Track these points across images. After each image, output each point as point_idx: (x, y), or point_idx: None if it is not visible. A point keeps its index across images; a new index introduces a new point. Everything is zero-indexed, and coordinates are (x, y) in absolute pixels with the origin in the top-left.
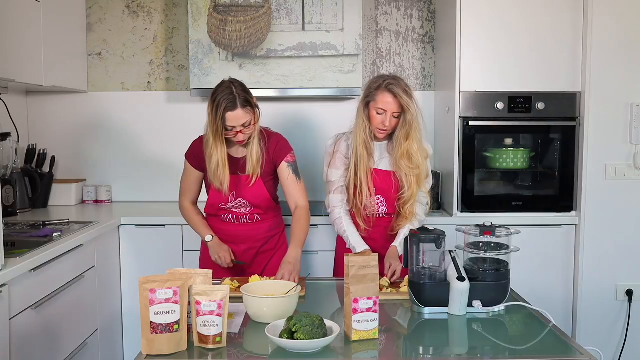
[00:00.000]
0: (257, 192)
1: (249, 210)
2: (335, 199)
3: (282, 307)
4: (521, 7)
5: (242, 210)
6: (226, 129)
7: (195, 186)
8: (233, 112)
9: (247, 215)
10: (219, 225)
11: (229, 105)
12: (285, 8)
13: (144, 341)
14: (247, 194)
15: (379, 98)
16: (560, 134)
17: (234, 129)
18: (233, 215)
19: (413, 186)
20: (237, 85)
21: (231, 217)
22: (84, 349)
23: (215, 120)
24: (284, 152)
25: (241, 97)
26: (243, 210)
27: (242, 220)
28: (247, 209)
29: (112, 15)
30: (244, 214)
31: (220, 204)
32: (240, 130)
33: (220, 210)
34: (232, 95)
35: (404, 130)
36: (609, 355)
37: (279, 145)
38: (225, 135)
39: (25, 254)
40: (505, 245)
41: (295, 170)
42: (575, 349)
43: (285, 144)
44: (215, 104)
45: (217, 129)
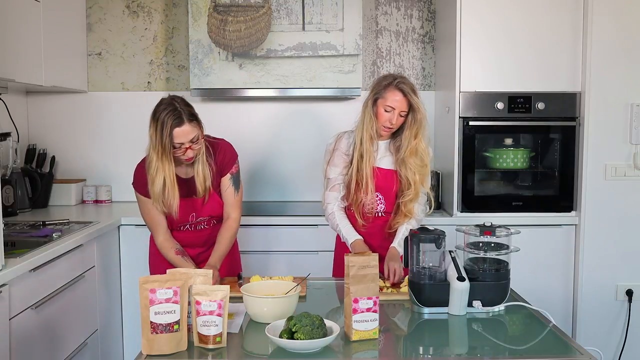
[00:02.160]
0: (214, 205)
1: (205, 222)
2: (331, 196)
3: (282, 307)
4: (521, 7)
5: (200, 226)
6: (174, 146)
7: (159, 215)
8: (180, 128)
9: (205, 222)
10: (176, 233)
11: (176, 122)
12: (285, 8)
13: (144, 341)
14: (205, 211)
15: (389, 96)
16: (560, 134)
17: (182, 145)
18: (192, 225)
19: (418, 184)
20: (179, 100)
21: (189, 227)
22: (84, 349)
23: (161, 139)
24: (229, 165)
25: (186, 112)
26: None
27: (200, 227)
28: (204, 225)
29: (112, 15)
30: (200, 222)
31: (180, 224)
32: (189, 147)
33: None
34: (177, 111)
35: (414, 128)
36: (609, 355)
37: (226, 158)
38: (174, 154)
39: (25, 254)
40: (505, 245)
41: (236, 181)
42: (575, 349)
43: (231, 155)
44: (160, 122)
45: (164, 147)
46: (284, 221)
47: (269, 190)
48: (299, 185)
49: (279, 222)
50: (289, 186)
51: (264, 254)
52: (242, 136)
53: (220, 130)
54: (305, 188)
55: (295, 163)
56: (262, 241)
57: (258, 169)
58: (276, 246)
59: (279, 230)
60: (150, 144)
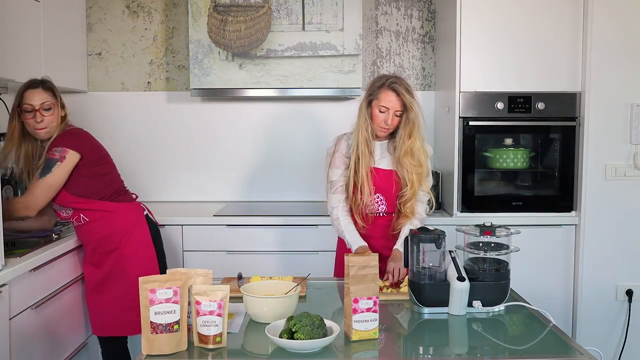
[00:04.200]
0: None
1: (69, 213)
2: (335, 199)
3: (282, 307)
4: (521, 7)
5: (64, 213)
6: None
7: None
8: (34, 90)
9: (70, 219)
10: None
11: (32, 84)
12: (285, 8)
13: (144, 341)
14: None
15: (382, 96)
16: (560, 134)
17: (32, 107)
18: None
19: (415, 184)
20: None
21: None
22: (84, 349)
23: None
24: (51, 147)
25: (46, 82)
26: (64, 213)
27: (75, 223)
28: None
29: (112, 15)
30: (69, 216)
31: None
32: (38, 109)
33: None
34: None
35: (407, 128)
36: (609, 355)
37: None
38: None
39: (25, 254)
40: (505, 245)
41: (46, 166)
42: (575, 349)
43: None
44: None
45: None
46: (284, 221)
47: (268, 190)
48: (299, 185)
49: (279, 222)
50: (289, 186)
51: (264, 254)
52: (241, 136)
53: (220, 130)
54: (305, 188)
55: (295, 163)
56: (262, 241)
57: (258, 169)
58: (276, 246)
59: (279, 230)
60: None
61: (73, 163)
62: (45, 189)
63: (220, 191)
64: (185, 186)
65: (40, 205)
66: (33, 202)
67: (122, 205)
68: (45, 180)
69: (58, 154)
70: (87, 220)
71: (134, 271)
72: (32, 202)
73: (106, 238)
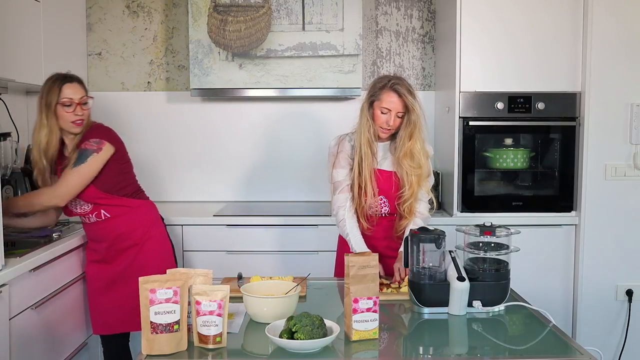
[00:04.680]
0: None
1: (89, 208)
2: (341, 199)
3: (282, 307)
4: (521, 7)
5: (84, 208)
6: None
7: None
8: (71, 84)
9: (93, 213)
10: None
11: (67, 78)
12: (285, 8)
13: (144, 341)
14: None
15: (384, 97)
16: (560, 134)
17: (72, 102)
18: (83, 216)
19: (414, 185)
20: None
21: (84, 218)
22: (84, 349)
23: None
24: (85, 139)
25: (78, 77)
26: (85, 208)
27: (91, 219)
28: (84, 206)
29: (112, 15)
30: (88, 212)
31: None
32: (78, 103)
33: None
34: (66, 74)
35: (408, 129)
36: (609, 355)
37: (90, 133)
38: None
39: (25, 254)
40: (505, 245)
41: (80, 156)
42: (575, 349)
43: (95, 132)
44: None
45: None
46: (284, 221)
47: (268, 190)
48: (299, 185)
49: (279, 222)
50: (289, 186)
51: (264, 254)
52: (242, 136)
53: (220, 130)
54: (305, 188)
55: (295, 163)
56: (262, 241)
57: (258, 169)
58: (276, 246)
59: (279, 230)
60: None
61: (107, 155)
62: (78, 178)
63: (220, 191)
64: (186, 186)
65: (72, 194)
66: (65, 191)
67: (143, 203)
68: (80, 169)
69: (95, 144)
70: (108, 216)
71: (154, 267)
72: (64, 191)
73: (126, 234)
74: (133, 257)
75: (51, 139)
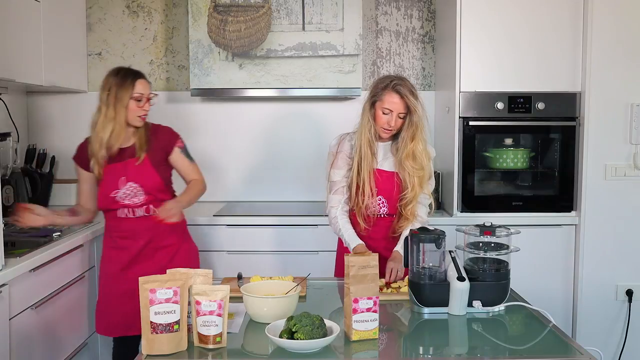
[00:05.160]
0: (147, 174)
1: (142, 199)
2: (334, 199)
3: (282, 307)
4: (521, 7)
5: (136, 200)
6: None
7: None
8: (142, 80)
9: (143, 207)
10: (115, 222)
11: (137, 74)
12: (285, 8)
13: (144, 341)
14: (137, 176)
15: (386, 98)
16: (560, 134)
17: (143, 97)
18: (129, 209)
19: (416, 187)
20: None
21: (127, 212)
22: (84, 349)
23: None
24: (174, 139)
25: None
26: (136, 200)
27: (138, 213)
28: (140, 197)
29: (112, 15)
30: (138, 204)
31: (111, 192)
32: (148, 98)
33: (114, 203)
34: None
35: (410, 130)
36: (609, 355)
37: (169, 134)
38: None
39: (25, 254)
40: (505, 245)
41: (188, 154)
42: (575, 349)
43: (173, 133)
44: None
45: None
46: (284, 221)
47: (268, 190)
48: (299, 185)
49: (279, 222)
50: (289, 186)
51: (264, 254)
52: (242, 136)
53: (220, 130)
54: (305, 188)
55: (295, 163)
56: (262, 241)
57: (258, 169)
58: (276, 246)
59: (279, 230)
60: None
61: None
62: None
63: (220, 191)
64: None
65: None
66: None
67: None
68: (195, 163)
69: (181, 142)
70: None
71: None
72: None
73: (167, 232)
74: (170, 256)
75: (119, 133)
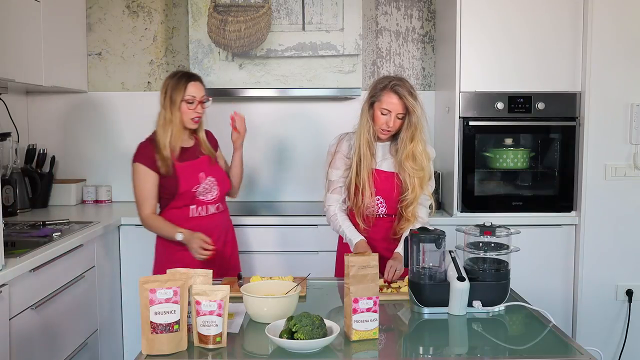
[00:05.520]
0: (218, 169)
1: (215, 195)
2: (332, 198)
3: (282, 307)
4: (521, 7)
5: (209, 196)
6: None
7: (154, 192)
8: (195, 82)
9: (214, 204)
10: (187, 224)
11: (191, 76)
12: (285, 8)
13: (144, 341)
14: (213, 171)
15: (384, 98)
16: (560, 134)
17: (195, 99)
18: (202, 206)
19: (416, 188)
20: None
21: (201, 210)
22: (84, 349)
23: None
24: (215, 140)
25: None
26: (210, 196)
27: (210, 210)
28: (214, 193)
29: (112, 15)
30: (211, 201)
31: (193, 187)
32: (200, 101)
33: (192, 200)
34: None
35: (409, 131)
36: (609, 355)
37: (211, 135)
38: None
39: (25, 254)
40: (505, 245)
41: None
42: (575, 349)
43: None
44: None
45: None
46: (284, 221)
47: (268, 190)
48: (299, 185)
49: (279, 222)
50: (289, 186)
51: (264, 254)
52: None
53: (220, 130)
54: (305, 188)
55: (294, 163)
56: (262, 241)
57: (258, 169)
58: (276, 246)
59: (278, 230)
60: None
61: None
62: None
63: None
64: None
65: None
66: None
67: None
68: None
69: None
70: (222, 209)
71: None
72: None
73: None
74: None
75: (177, 134)
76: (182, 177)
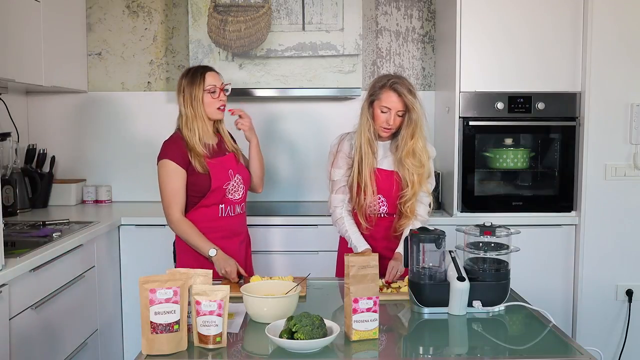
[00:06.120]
0: (242, 166)
1: (242, 194)
2: (337, 199)
3: (282, 307)
4: (521, 7)
5: (237, 195)
6: (210, 92)
7: (183, 190)
8: (211, 72)
9: (240, 204)
10: (216, 223)
11: (206, 68)
12: (285, 8)
13: (144, 341)
14: (239, 169)
15: (384, 97)
16: (560, 134)
17: (216, 88)
18: (230, 206)
19: (415, 185)
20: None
21: (229, 210)
22: (84, 349)
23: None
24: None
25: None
26: (237, 195)
27: (237, 210)
28: (240, 192)
29: (112, 15)
30: (238, 201)
31: (224, 184)
32: (221, 89)
33: (222, 198)
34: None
35: (410, 128)
36: (609, 355)
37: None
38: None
39: (25, 254)
40: (505, 245)
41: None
42: (575, 349)
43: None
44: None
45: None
46: (284, 221)
47: (268, 191)
48: (299, 185)
49: (279, 222)
50: (289, 186)
51: (264, 254)
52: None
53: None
54: (306, 188)
55: (295, 163)
56: (262, 241)
57: None
58: (276, 246)
59: (279, 230)
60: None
61: None
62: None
63: None
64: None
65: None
66: None
67: None
68: None
69: None
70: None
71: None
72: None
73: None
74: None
75: (204, 129)
76: (213, 173)
